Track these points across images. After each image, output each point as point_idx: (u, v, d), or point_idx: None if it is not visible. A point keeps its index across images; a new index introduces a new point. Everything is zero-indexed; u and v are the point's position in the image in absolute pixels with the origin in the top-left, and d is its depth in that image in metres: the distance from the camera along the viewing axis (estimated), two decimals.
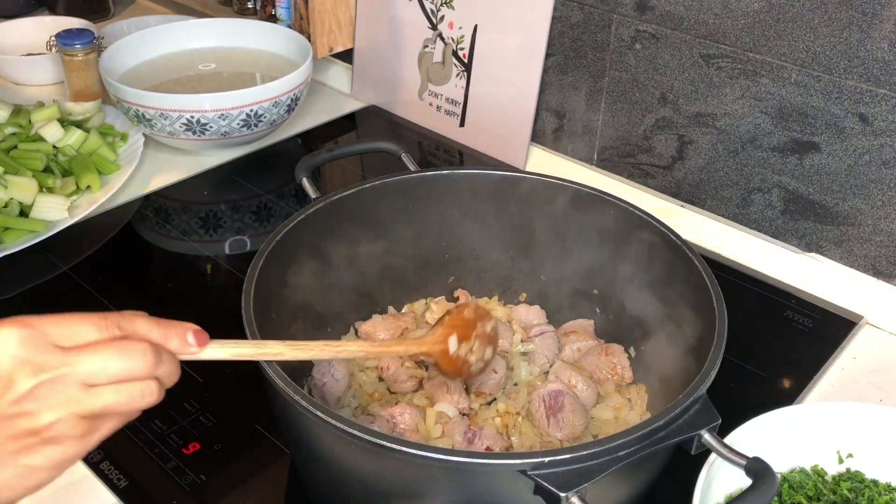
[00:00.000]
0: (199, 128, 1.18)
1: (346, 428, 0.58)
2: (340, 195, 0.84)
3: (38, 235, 1.04)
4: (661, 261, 0.81)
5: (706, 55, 1.00)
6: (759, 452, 0.60)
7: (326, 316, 0.88)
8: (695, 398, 0.63)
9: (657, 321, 0.82)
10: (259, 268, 0.73)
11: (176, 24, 1.38)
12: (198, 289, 1.04)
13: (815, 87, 0.93)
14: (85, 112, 1.26)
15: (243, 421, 0.83)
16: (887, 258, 0.96)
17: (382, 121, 1.40)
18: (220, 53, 1.39)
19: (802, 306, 0.99)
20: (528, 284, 0.94)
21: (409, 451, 0.57)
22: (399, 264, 0.92)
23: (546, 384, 0.80)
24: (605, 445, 0.58)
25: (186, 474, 0.77)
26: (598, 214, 0.85)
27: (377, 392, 0.83)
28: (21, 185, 1.07)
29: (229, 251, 1.09)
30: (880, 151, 0.91)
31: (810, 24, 0.91)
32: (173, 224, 1.14)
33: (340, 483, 0.67)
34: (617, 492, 0.66)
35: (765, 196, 1.02)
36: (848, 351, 0.93)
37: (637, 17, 1.05)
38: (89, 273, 1.03)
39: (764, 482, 0.57)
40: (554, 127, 1.21)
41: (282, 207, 1.18)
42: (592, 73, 1.13)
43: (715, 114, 1.03)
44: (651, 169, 1.12)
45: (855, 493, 0.71)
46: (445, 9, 1.25)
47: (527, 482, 0.57)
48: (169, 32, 1.37)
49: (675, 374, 0.76)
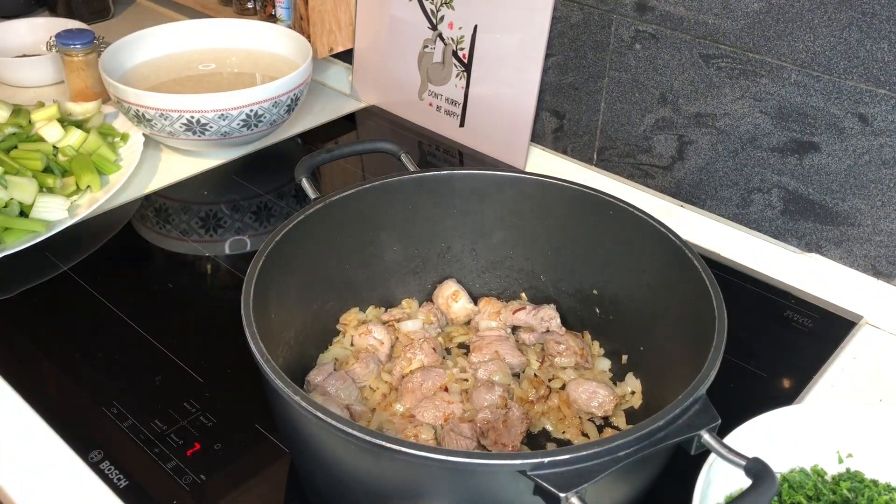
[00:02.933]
0: (199, 128, 1.18)
1: (346, 428, 0.58)
2: (340, 195, 0.84)
3: (38, 235, 1.04)
4: (660, 261, 0.81)
5: (706, 55, 1.00)
6: (758, 452, 0.60)
7: (326, 315, 0.88)
8: (695, 398, 0.63)
9: (657, 321, 0.82)
10: (259, 268, 0.73)
11: (176, 24, 1.38)
12: (198, 289, 1.04)
13: (815, 88, 0.93)
14: (85, 112, 1.26)
15: (243, 421, 0.83)
16: (887, 258, 0.96)
17: (382, 121, 1.40)
18: (220, 53, 1.39)
19: (802, 306, 0.99)
20: (528, 284, 0.94)
21: (409, 452, 0.57)
22: (399, 264, 0.92)
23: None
24: (604, 446, 0.58)
25: (186, 474, 0.77)
26: (597, 214, 0.85)
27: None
28: (21, 185, 1.08)
29: (229, 251, 1.09)
30: (880, 151, 0.91)
31: (810, 24, 0.91)
32: (173, 224, 1.14)
33: (340, 483, 0.67)
34: (617, 492, 0.66)
35: (764, 196, 1.02)
36: (848, 351, 0.93)
37: (637, 18, 1.05)
38: (89, 273, 1.03)
39: (764, 482, 0.57)
40: (554, 127, 1.21)
41: (282, 207, 1.18)
42: (592, 73, 1.13)
43: (715, 114, 1.03)
44: (651, 169, 1.12)
45: (855, 493, 0.71)
46: (445, 9, 1.25)
47: (526, 482, 0.57)
48: (169, 32, 1.37)
49: (674, 374, 0.76)
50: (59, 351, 0.91)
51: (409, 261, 0.93)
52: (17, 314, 0.97)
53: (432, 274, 0.94)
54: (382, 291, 0.92)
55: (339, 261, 0.87)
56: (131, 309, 0.97)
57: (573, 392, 0.82)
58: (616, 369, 0.87)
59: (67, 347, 0.92)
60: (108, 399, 0.85)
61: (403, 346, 0.87)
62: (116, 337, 0.93)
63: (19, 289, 1.01)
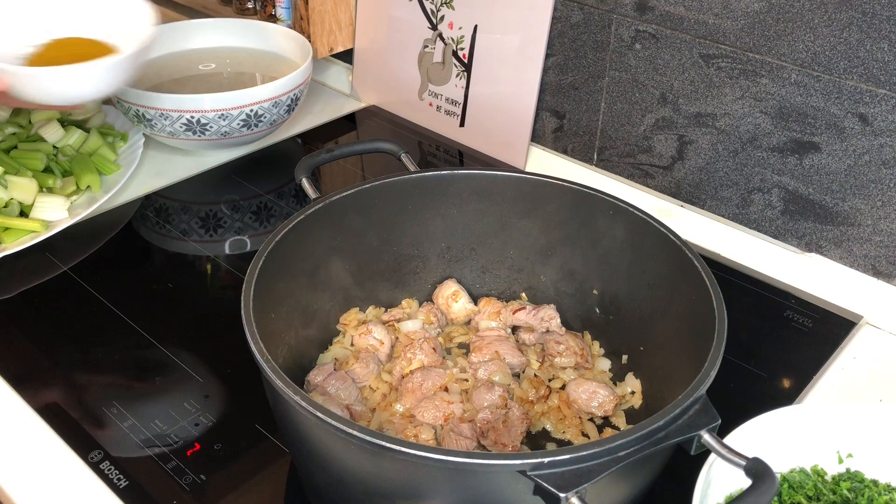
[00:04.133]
0: (200, 128, 1.18)
1: (346, 428, 0.58)
2: (340, 195, 0.84)
3: (38, 235, 1.04)
4: (660, 261, 0.81)
5: (706, 55, 1.00)
6: (758, 452, 0.60)
7: (326, 315, 0.88)
8: (695, 398, 0.63)
9: (657, 321, 0.82)
10: (259, 268, 0.73)
11: (176, 24, 1.38)
12: (198, 289, 1.04)
13: (815, 87, 0.93)
14: (85, 112, 1.26)
15: (243, 421, 0.83)
16: (887, 258, 0.96)
17: (382, 121, 1.40)
18: (220, 53, 1.39)
19: (802, 306, 0.99)
20: (528, 284, 0.94)
21: (409, 452, 0.57)
22: (399, 264, 0.92)
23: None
24: (604, 446, 0.58)
25: (186, 474, 0.77)
26: (597, 214, 0.85)
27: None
28: (21, 185, 1.08)
29: (229, 251, 1.09)
30: (880, 151, 0.91)
31: (810, 24, 0.91)
32: (173, 224, 1.14)
33: (340, 483, 0.67)
34: (617, 492, 0.66)
35: (765, 196, 1.02)
36: (848, 351, 0.93)
37: (637, 17, 1.05)
38: (89, 273, 1.03)
39: (764, 482, 0.57)
40: (554, 127, 1.21)
41: (282, 207, 1.18)
42: (592, 73, 1.13)
43: (715, 114, 1.03)
44: (651, 169, 1.12)
45: (855, 493, 0.71)
46: (445, 9, 1.25)
47: (526, 482, 0.57)
48: (169, 32, 1.37)
49: (674, 374, 0.76)
50: (59, 351, 0.91)
51: (409, 261, 0.93)
52: (17, 314, 0.97)
53: (432, 274, 0.94)
54: (382, 291, 0.92)
55: (339, 261, 0.87)
56: (131, 309, 0.97)
57: (573, 392, 0.82)
58: (616, 369, 0.87)
59: (67, 347, 0.92)
60: (108, 399, 0.85)
61: (403, 346, 0.87)
62: (116, 337, 0.93)
63: (19, 289, 1.01)
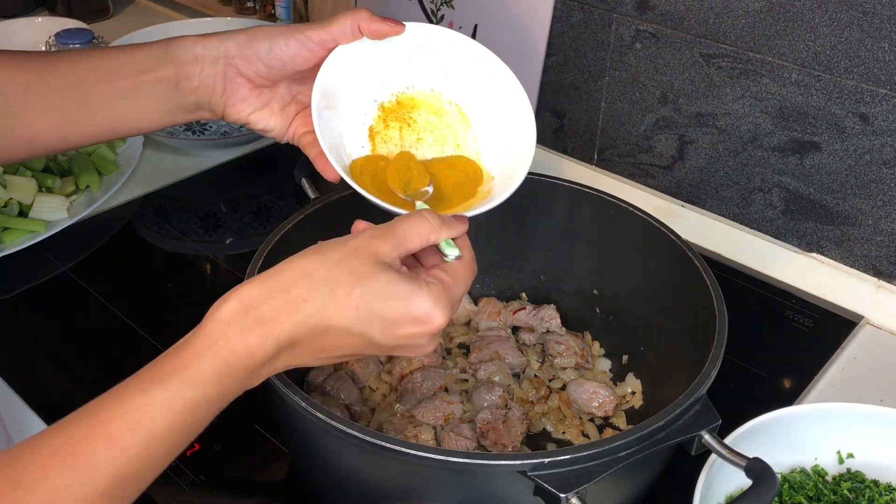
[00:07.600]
0: (199, 128, 1.18)
1: (346, 428, 0.58)
2: (340, 195, 0.84)
3: (38, 235, 1.04)
4: (661, 261, 0.81)
5: (706, 55, 1.00)
6: (759, 453, 0.60)
7: None
8: (695, 398, 0.63)
9: (657, 321, 0.82)
10: (259, 268, 0.73)
11: (175, 23, 1.38)
12: (198, 289, 1.04)
13: (816, 87, 0.93)
14: None
15: (243, 421, 0.82)
16: (888, 258, 0.96)
17: None
18: None
19: (802, 306, 0.99)
20: (528, 284, 0.94)
21: (409, 452, 0.57)
22: None
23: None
24: (605, 446, 0.58)
25: (186, 474, 0.77)
26: (597, 214, 0.85)
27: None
28: (20, 184, 1.07)
29: (229, 251, 1.09)
30: (881, 151, 0.91)
31: (811, 23, 0.91)
32: (173, 224, 1.14)
33: (340, 483, 0.67)
34: (617, 492, 0.66)
35: (765, 196, 1.02)
36: (848, 351, 0.93)
37: (637, 17, 1.05)
38: (89, 273, 1.03)
39: (764, 483, 0.57)
40: (554, 126, 1.21)
41: (282, 207, 1.18)
42: (593, 72, 1.13)
43: (715, 113, 1.02)
44: (651, 169, 1.12)
45: (855, 493, 0.71)
46: (445, 8, 1.25)
47: (526, 483, 0.57)
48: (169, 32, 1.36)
49: (675, 374, 0.76)
50: (59, 351, 0.91)
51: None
52: (17, 314, 0.97)
53: None
54: None
55: None
56: (131, 309, 0.97)
57: (573, 392, 0.82)
58: (616, 369, 0.87)
59: (67, 347, 0.92)
60: None
61: None
62: (116, 337, 0.93)
63: (19, 289, 1.01)
